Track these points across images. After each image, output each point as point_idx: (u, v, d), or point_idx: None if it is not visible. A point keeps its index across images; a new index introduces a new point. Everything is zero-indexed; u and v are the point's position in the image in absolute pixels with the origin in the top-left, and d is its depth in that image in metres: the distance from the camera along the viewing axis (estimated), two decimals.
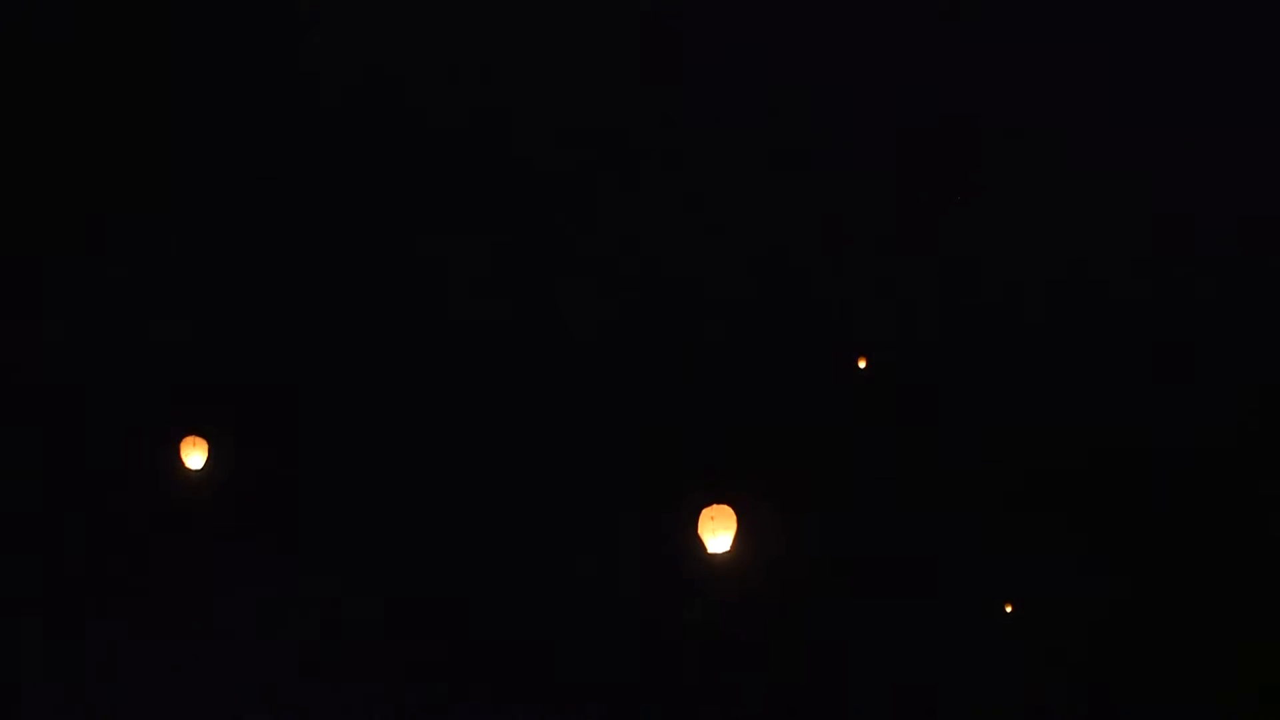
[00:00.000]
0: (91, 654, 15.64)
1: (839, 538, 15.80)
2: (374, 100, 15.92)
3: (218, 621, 15.71)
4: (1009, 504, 16.59)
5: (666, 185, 15.95)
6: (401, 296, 15.94)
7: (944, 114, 16.83)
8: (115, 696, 15.48)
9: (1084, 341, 17.10)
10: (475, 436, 15.72)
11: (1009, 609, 17.39)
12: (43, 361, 15.79)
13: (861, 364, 18.22)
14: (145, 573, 15.69)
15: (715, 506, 14.81)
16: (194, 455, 15.51)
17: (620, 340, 15.66)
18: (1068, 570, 16.57)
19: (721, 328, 15.85)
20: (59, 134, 15.89)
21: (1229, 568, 16.60)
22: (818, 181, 16.26)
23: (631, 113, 16.28)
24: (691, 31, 16.44)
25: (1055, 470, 16.83)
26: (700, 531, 14.77)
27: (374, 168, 16.10)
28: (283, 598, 15.84)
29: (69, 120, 15.90)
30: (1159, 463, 16.85)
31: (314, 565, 15.81)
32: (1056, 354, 16.95)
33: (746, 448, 15.73)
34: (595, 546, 15.31)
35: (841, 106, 16.39)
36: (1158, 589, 16.47)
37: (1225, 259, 16.84)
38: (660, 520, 15.02)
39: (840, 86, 16.57)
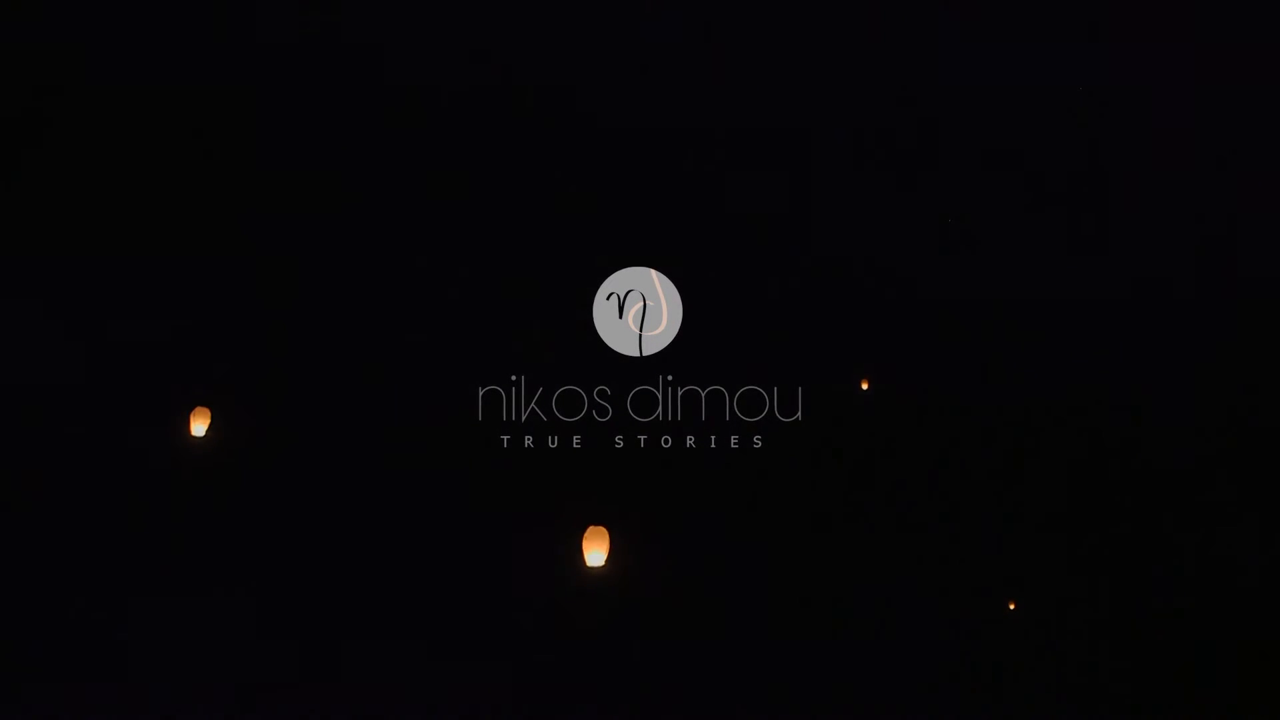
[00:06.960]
0: (91, 650, 16.77)
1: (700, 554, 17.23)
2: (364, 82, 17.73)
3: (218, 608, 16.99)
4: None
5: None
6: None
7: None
8: (117, 688, 16.64)
9: (1077, 341, 17.71)
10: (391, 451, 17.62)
11: (1012, 606, 18.29)
12: (43, 350, 17.46)
13: (864, 386, 19.26)
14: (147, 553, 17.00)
15: (593, 527, 16.88)
16: (198, 425, 17.84)
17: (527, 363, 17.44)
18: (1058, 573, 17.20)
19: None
20: (59, 131, 17.73)
21: (1228, 567, 16.94)
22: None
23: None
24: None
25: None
26: (583, 548, 16.90)
27: (372, 159, 17.90)
28: None
29: (69, 117, 17.78)
30: (1158, 461, 17.34)
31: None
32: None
33: (629, 470, 17.36)
34: (491, 558, 17.18)
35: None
36: (1155, 590, 16.95)
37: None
38: (543, 538, 16.98)
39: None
